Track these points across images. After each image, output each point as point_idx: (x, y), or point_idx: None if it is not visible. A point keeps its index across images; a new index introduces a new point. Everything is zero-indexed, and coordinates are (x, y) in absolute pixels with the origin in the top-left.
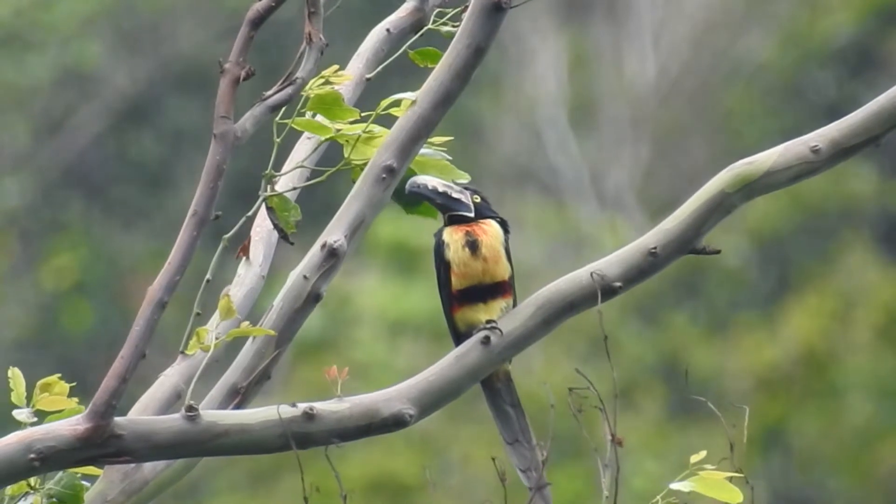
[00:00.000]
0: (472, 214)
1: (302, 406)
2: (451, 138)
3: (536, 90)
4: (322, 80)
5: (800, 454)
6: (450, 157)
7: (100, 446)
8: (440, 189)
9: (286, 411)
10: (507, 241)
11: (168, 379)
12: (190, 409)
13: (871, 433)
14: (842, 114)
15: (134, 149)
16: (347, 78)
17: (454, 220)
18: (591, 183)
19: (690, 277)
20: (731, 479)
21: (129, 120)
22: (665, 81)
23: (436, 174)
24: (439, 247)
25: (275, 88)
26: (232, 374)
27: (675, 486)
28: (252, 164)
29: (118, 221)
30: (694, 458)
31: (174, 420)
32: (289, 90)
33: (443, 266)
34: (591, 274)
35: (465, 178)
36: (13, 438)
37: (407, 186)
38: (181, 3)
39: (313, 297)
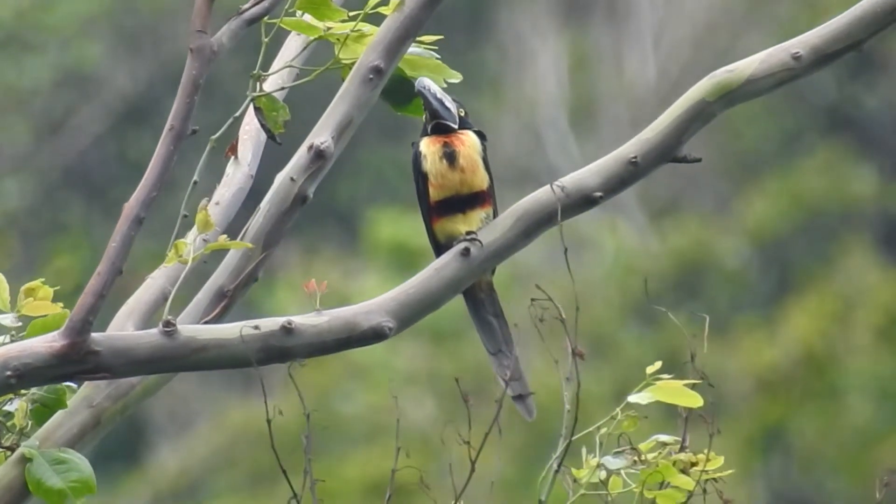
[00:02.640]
0: (455, 126)
1: (280, 320)
2: (441, 37)
3: (536, 91)
4: None
5: (800, 454)
6: (439, 56)
7: (77, 363)
8: (438, 95)
9: (265, 324)
10: (484, 150)
11: (155, 281)
12: (167, 324)
13: (871, 434)
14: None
15: (134, 149)
16: None
17: (435, 129)
18: None
19: (690, 279)
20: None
21: (129, 120)
22: (665, 82)
23: (428, 73)
24: (417, 158)
25: (251, 2)
26: (219, 277)
27: (633, 398)
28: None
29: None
30: (650, 369)
31: (151, 335)
32: (265, 3)
33: (420, 177)
34: (551, 185)
35: (457, 78)
36: None
37: (416, 84)
38: (181, 3)
39: (300, 199)
